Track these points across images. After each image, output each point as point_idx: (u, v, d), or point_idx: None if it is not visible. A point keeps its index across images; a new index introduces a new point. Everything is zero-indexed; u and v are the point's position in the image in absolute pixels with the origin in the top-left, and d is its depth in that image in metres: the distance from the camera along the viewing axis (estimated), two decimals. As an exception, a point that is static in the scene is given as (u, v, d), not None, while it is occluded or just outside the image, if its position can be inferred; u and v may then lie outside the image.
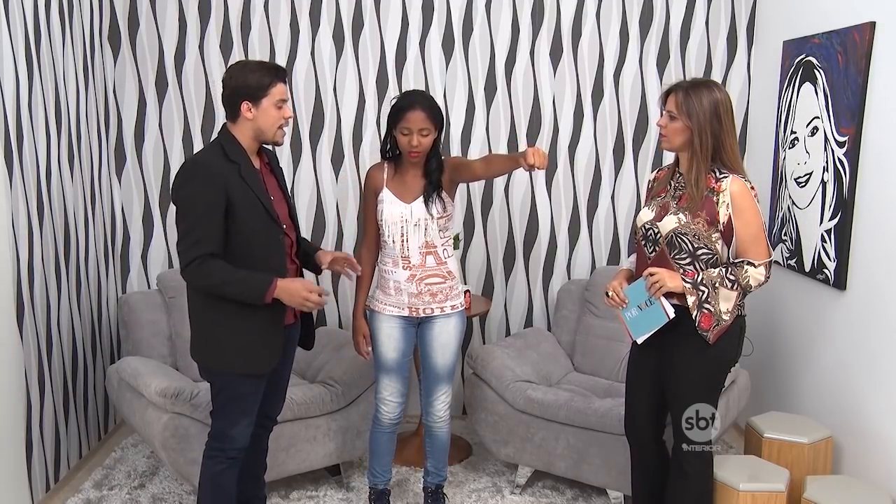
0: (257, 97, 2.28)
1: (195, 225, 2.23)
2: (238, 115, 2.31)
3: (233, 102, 2.31)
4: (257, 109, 2.29)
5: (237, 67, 2.33)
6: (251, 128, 2.32)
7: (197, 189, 2.24)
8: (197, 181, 2.24)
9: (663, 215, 2.33)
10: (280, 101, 2.32)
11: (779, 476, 2.62)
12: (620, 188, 3.84)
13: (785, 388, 3.39)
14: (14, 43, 2.75)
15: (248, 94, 2.28)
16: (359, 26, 3.68)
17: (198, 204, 2.23)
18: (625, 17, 3.72)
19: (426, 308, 2.72)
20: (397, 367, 2.78)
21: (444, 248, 2.72)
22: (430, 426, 2.87)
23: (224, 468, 2.45)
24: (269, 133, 2.35)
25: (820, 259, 3.07)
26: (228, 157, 2.29)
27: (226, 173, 2.26)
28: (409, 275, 2.68)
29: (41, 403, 2.96)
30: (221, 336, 2.35)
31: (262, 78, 2.29)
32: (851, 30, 2.86)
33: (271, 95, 2.30)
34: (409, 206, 2.66)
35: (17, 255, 2.77)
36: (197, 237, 2.23)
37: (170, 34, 3.64)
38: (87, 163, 3.42)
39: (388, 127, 2.68)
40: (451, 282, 2.75)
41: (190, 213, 2.24)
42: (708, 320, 2.26)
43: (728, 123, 2.25)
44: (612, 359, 3.44)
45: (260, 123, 2.31)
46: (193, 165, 2.29)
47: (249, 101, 2.28)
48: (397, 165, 2.73)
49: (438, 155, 2.70)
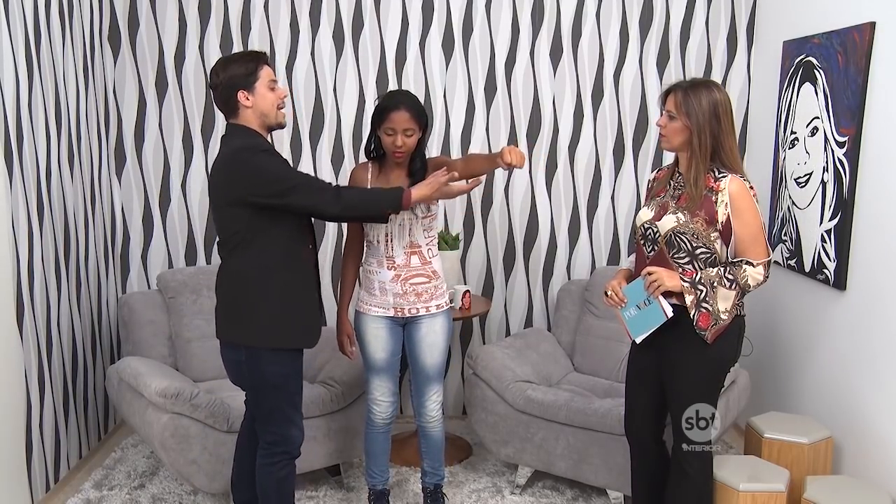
0: (250, 83, 2.30)
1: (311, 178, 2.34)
2: (237, 107, 2.32)
3: (228, 97, 2.31)
4: (254, 95, 2.31)
5: (220, 64, 2.34)
6: (254, 114, 2.33)
7: (267, 159, 2.28)
8: (261, 157, 2.27)
9: (662, 215, 2.33)
10: (271, 81, 2.34)
11: (779, 476, 2.62)
12: (620, 188, 3.84)
13: (785, 388, 3.39)
14: (14, 43, 2.75)
15: (241, 84, 2.29)
16: (359, 26, 3.68)
17: (282, 166, 2.31)
18: (625, 18, 3.72)
19: (411, 308, 2.71)
20: (387, 367, 2.78)
21: (428, 248, 2.72)
22: (424, 426, 2.87)
23: (290, 471, 2.46)
24: (272, 115, 2.36)
25: (820, 259, 3.06)
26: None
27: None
28: (394, 275, 2.68)
29: (41, 403, 2.96)
30: (281, 311, 2.35)
31: (248, 64, 2.31)
32: (851, 30, 2.86)
33: (262, 78, 2.31)
34: None
35: (17, 255, 2.77)
36: (314, 180, 2.33)
37: (170, 34, 3.64)
38: (87, 163, 3.42)
39: (371, 127, 2.67)
40: (436, 281, 2.75)
41: (291, 173, 2.30)
42: (706, 319, 2.26)
43: (727, 123, 2.26)
44: (612, 359, 3.44)
45: (261, 108, 2.32)
46: (243, 150, 2.29)
47: (244, 90, 2.30)
48: (381, 165, 2.72)
49: (423, 155, 2.70)
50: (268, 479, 2.44)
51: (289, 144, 3.74)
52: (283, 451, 2.43)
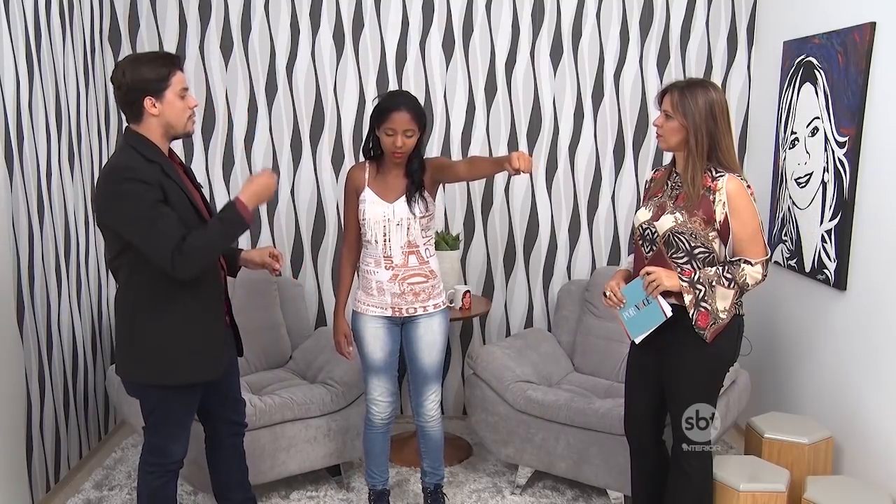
0: (159, 90, 2.13)
1: (154, 220, 2.07)
2: (142, 113, 2.14)
3: (133, 100, 2.13)
4: (162, 103, 2.14)
5: (128, 63, 2.15)
6: (159, 124, 2.16)
7: (135, 191, 2.06)
8: (130, 184, 2.07)
9: (660, 215, 2.34)
10: (182, 89, 2.18)
11: (779, 476, 2.62)
12: (621, 188, 3.84)
13: (785, 389, 3.38)
14: (14, 43, 2.75)
15: (148, 89, 2.12)
16: (359, 27, 3.68)
17: (144, 203, 2.06)
18: (625, 18, 3.72)
19: (409, 308, 2.71)
20: (385, 367, 2.78)
21: (426, 248, 2.72)
22: (423, 426, 2.87)
23: (164, 482, 2.37)
24: (179, 125, 2.19)
25: (820, 259, 3.06)
26: (146, 158, 2.13)
27: (152, 173, 2.11)
28: (392, 274, 2.68)
29: (41, 403, 2.96)
30: (161, 345, 2.20)
31: (160, 69, 2.13)
32: (852, 30, 2.86)
33: (173, 85, 2.15)
34: (391, 205, 2.66)
35: (17, 255, 2.77)
36: (164, 229, 2.07)
37: (170, 34, 3.65)
38: (88, 163, 3.42)
39: (370, 127, 2.67)
40: (434, 280, 2.75)
41: (142, 214, 2.07)
42: (705, 319, 2.26)
43: (723, 123, 2.26)
44: (612, 359, 3.44)
45: (168, 118, 2.16)
46: (117, 171, 2.10)
47: (152, 97, 2.13)
48: (379, 165, 2.72)
49: (420, 155, 2.70)
50: (142, 488, 2.36)
51: (289, 144, 3.75)
52: (158, 462, 2.34)
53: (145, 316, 2.21)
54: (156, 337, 2.21)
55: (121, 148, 2.19)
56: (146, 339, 2.21)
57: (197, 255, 2.10)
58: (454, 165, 2.68)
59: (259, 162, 3.74)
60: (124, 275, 2.22)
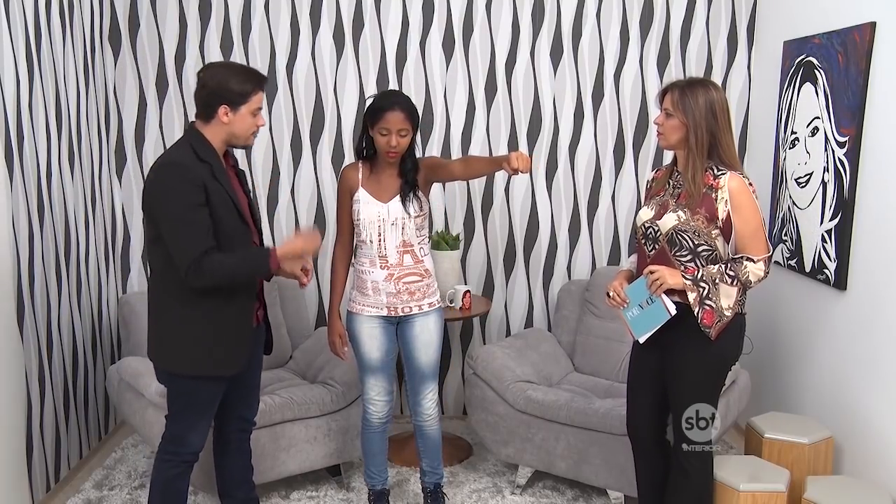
0: (237, 103, 2.24)
1: (186, 224, 2.17)
2: (213, 117, 2.25)
3: (210, 104, 2.24)
4: (234, 115, 2.25)
5: (219, 69, 2.27)
6: (225, 132, 2.27)
7: (179, 189, 2.17)
8: (176, 181, 2.17)
9: (663, 213, 2.34)
10: (257, 109, 2.28)
11: (779, 476, 2.62)
12: (621, 188, 3.84)
13: (785, 388, 3.39)
14: (14, 43, 2.75)
15: (228, 99, 2.23)
16: (359, 26, 3.68)
17: (183, 203, 2.16)
18: (625, 18, 3.72)
19: (404, 307, 2.71)
20: (382, 367, 2.78)
21: (420, 247, 2.72)
22: (421, 425, 2.87)
23: (178, 472, 2.41)
24: (242, 138, 2.30)
25: (820, 259, 3.06)
26: (200, 157, 2.23)
27: (201, 173, 2.20)
28: (387, 274, 2.68)
29: (41, 403, 2.96)
30: (190, 336, 2.29)
31: (245, 84, 2.24)
32: (852, 30, 2.86)
33: (251, 103, 2.26)
34: (385, 205, 2.66)
35: (18, 255, 2.77)
36: (191, 235, 2.17)
37: (170, 34, 3.65)
38: (88, 163, 3.42)
39: (364, 126, 2.67)
40: (429, 279, 2.75)
41: (177, 214, 2.17)
42: (710, 317, 2.26)
43: (724, 121, 2.27)
44: (612, 359, 3.44)
45: (235, 129, 2.27)
46: (169, 166, 2.21)
47: (228, 106, 2.23)
48: (372, 165, 2.72)
49: (413, 154, 2.70)
50: (155, 476, 2.42)
51: (289, 144, 3.75)
52: (174, 451, 2.40)
53: (175, 305, 2.29)
54: (184, 327, 2.30)
55: (179, 142, 2.31)
56: (175, 328, 2.30)
57: (211, 276, 2.20)
58: (448, 165, 2.69)
59: (259, 161, 3.74)
60: (159, 263, 2.30)
